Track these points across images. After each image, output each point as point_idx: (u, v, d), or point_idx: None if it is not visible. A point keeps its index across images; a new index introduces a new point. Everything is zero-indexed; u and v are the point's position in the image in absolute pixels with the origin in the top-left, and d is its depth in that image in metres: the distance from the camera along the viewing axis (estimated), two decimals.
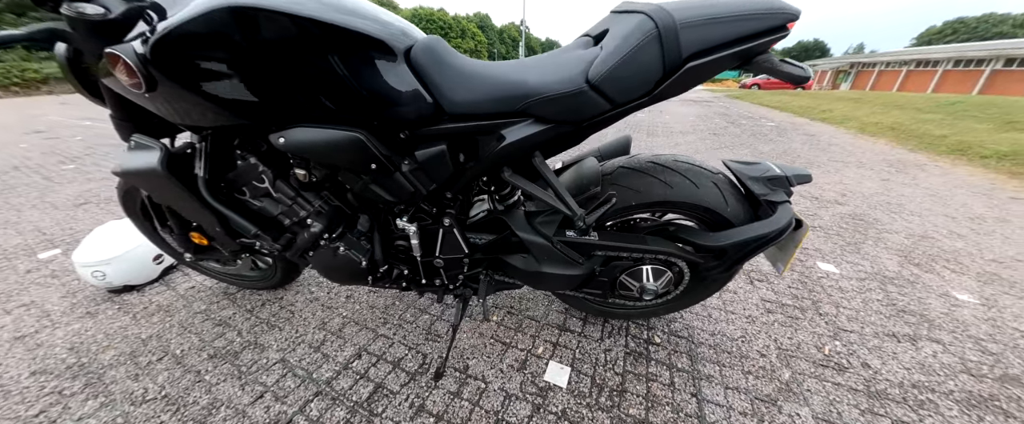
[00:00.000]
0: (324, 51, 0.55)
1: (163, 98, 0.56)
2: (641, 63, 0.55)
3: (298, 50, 0.54)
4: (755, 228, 0.76)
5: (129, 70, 0.51)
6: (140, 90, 0.53)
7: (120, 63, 0.51)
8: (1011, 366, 1.03)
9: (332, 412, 0.85)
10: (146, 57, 0.51)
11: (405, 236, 0.82)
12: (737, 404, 0.90)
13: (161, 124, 0.76)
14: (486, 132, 0.64)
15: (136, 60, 0.50)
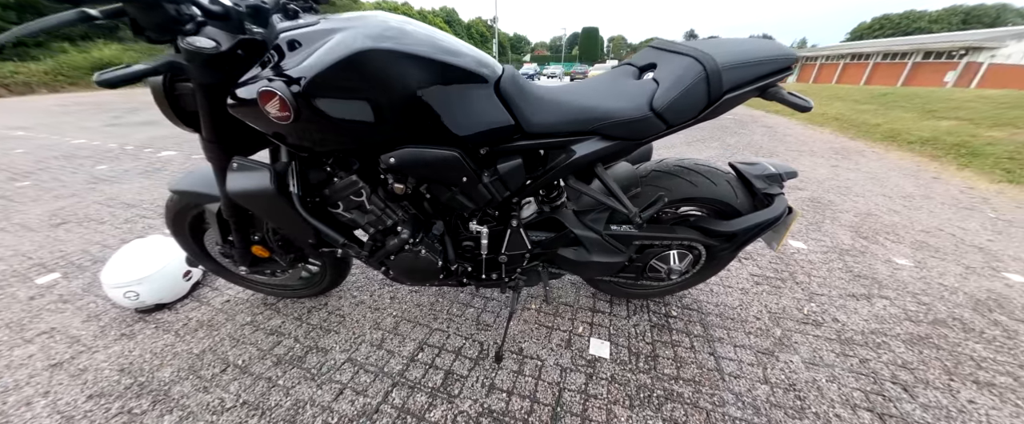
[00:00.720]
0: (437, 84, 0.65)
1: (299, 128, 0.63)
2: (693, 96, 0.70)
3: (418, 84, 0.63)
4: (759, 216, 0.95)
5: (282, 104, 0.58)
6: (286, 122, 0.60)
7: (275, 98, 0.57)
8: (939, 312, 1.33)
9: (413, 398, 0.94)
10: (299, 92, 0.58)
11: (473, 237, 0.93)
12: (745, 358, 1.11)
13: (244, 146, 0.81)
14: (558, 147, 0.77)
15: (289, 95, 0.57)
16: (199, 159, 3.39)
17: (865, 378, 1.05)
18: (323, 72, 0.58)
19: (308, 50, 0.61)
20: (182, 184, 0.97)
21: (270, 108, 0.58)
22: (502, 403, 0.94)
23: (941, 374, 1.07)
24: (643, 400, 0.96)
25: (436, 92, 0.65)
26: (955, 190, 2.59)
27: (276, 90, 0.56)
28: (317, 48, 0.60)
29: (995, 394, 1.00)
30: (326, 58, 0.58)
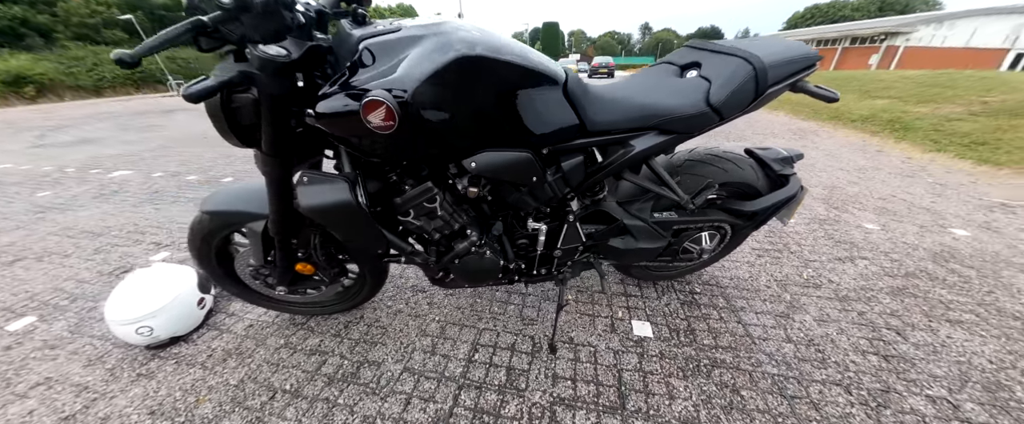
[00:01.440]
0: (522, 88, 0.66)
1: (396, 137, 0.62)
2: (744, 92, 0.77)
3: (506, 88, 0.65)
4: (778, 195, 1.06)
5: (388, 113, 0.56)
6: (388, 131, 0.58)
7: (381, 107, 0.56)
8: (908, 266, 1.55)
9: (484, 398, 0.96)
10: (404, 101, 0.58)
11: (528, 235, 0.95)
12: (766, 322, 1.23)
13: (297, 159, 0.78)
14: (618, 143, 0.81)
15: (395, 104, 0.56)
16: (162, 177, 3.08)
17: (865, 327, 1.21)
18: (428, 80, 0.58)
19: (397, 58, 0.60)
20: (216, 205, 0.91)
21: (373, 118, 0.57)
22: (569, 390, 0.98)
23: (921, 317, 1.26)
24: (693, 369, 1.04)
25: (519, 95, 0.67)
26: (897, 161, 2.98)
27: (383, 99, 0.55)
28: (407, 56, 0.60)
29: (965, 329, 1.20)
30: (428, 66, 0.58)
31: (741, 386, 1.00)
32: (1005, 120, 3.29)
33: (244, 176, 3.06)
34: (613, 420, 0.90)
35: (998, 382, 1.01)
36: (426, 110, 0.61)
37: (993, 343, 1.14)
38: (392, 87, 0.58)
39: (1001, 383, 1.00)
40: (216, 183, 2.90)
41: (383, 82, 0.58)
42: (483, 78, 0.63)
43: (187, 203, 2.47)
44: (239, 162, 3.53)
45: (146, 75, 17.45)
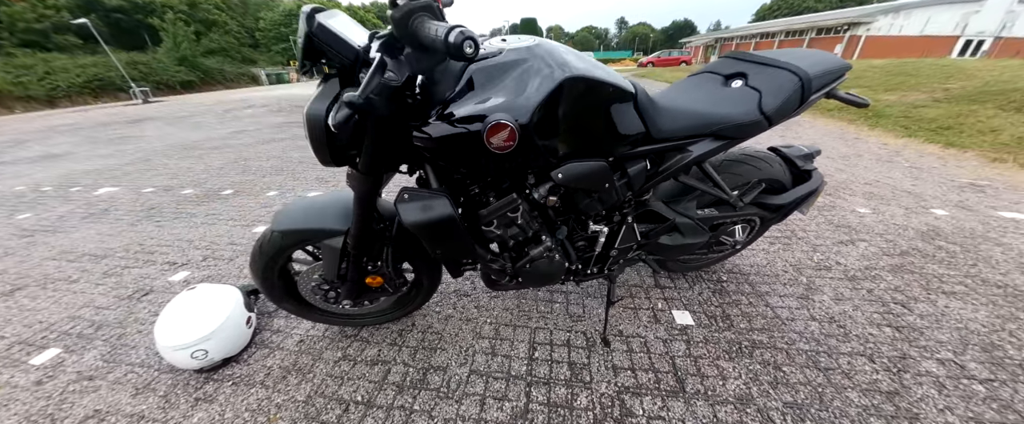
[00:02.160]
0: (611, 103, 0.71)
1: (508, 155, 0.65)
2: (792, 101, 0.85)
3: (597, 104, 0.70)
4: (804, 188, 1.16)
5: (511, 134, 0.60)
6: (507, 150, 0.62)
7: (506, 130, 0.60)
8: (901, 245, 1.71)
9: (554, 391, 1.01)
10: (524, 123, 0.62)
11: (588, 237, 1.01)
12: (791, 304, 1.35)
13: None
14: (678, 149, 0.88)
15: (518, 126, 0.60)
16: (154, 192, 2.93)
17: (876, 303, 1.35)
18: (542, 102, 0.62)
19: (502, 80, 0.64)
20: (290, 224, 0.91)
21: (496, 139, 0.61)
22: (631, 379, 1.05)
23: (921, 291, 1.41)
24: (737, 351, 1.14)
25: (605, 109, 0.72)
26: (875, 147, 3.23)
27: (508, 122, 0.59)
28: (513, 78, 0.64)
29: (958, 299, 1.35)
30: (542, 89, 0.62)
31: (781, 363, 1.10)
32: (965, 106, 3.62)
33: (244, 187, 2.96)
34: (677, 403, 0.98)
35: (993, 343, 1.16)
36: (537, 129, 0.65)
37: (983, 310, 1.29)
38: (513, 110, 0.62)
39: (995, 343, 1.15)
40: (217, 197, 2.79)
41: (502, 105, 0.62)
42: (583, 96, 0.67)
43: (191, 218, 2.38)
44: (234, 173, 3.40)
45: (105, 83, 16.23)
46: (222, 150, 4.53)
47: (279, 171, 3.42)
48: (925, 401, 0.97)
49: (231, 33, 31.23)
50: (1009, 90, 3.73)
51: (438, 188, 0.78)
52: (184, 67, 21.95)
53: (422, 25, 0.48)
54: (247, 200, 2.69)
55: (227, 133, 5.84)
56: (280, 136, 5.26)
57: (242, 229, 2.20)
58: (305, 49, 0.60)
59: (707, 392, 1.00)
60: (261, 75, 28.88)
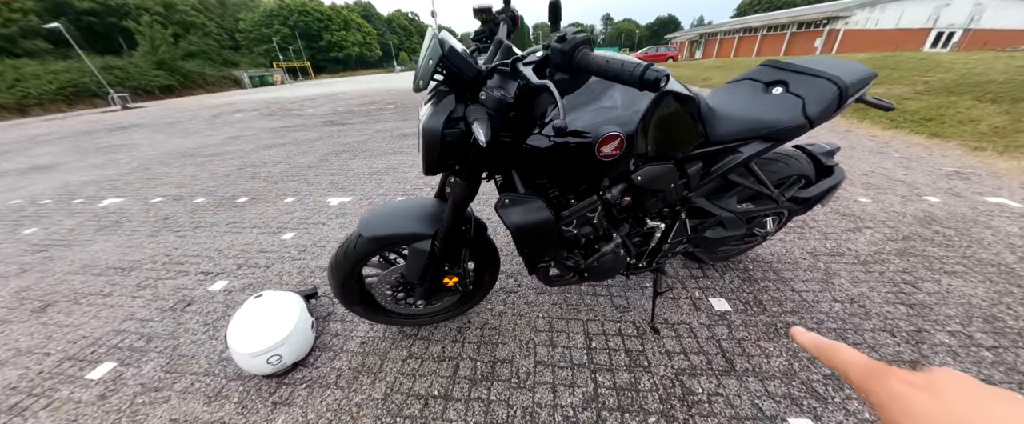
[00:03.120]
0: (684, 113, 0.80)
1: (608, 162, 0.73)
2: (832, 107, 0.95)
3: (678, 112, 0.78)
4: (828, 182, 1.28)
5: (620, 143, 0.68)
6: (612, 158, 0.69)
7: (617, 139, 0.67)
8: (903, 231, 1.86)
9: (618, 376, 1.09)
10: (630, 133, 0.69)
11: (644, 233, 1.09)
12: (813, 287, 1.47)
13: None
14: (730, 150, 0.97)
15: (625, 136, 0.67)
16: (164, 202, 2.88)
17: (888, 284, 1.48)
18: (644, 114, 0.70)
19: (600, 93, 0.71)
20: (378, 229, 0.95)
21: (606, 148, 0.68)
22: (685, 362, 1.14)
23: (925, 271, 1.55)
24: (774, 332, 1.25)
25: (682, 119, 0.80)
26: (865, 139, 3.43)
27: (618, 133, 0.66)
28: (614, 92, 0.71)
29: (959, 277, 1.50)
30: (645, 101, 0.70)
31: None
32: (945, 97, 3.87)
33: (259, 195, 2.94)
34: (731, 380, 1.08)
35: (993, 315, 1.30)
36: (637, 138, 0.73)
37: (982, 286, 1.44)
38: (622, 123, 0.69)
39: (995, 315, 1.29)
40: (232, 205, 2.77)
41: (612, 118, 0.70)
42: (671, 108, 0.75)
43: (212, 228, 2.37)
44: (243, 180, 3.36)
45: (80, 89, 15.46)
46: (222, 157, 4.45)
47: (290, 177, 3.41)
48: None
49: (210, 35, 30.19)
50: (983, 82, 4.01)
51: (529, 193, 0.84)
52: (163, 71, 21.18)
53: (586, 56, 0.55)
54: (265, 207, 2.68)
55: (222, 139, 5.72)
56: (280, 141, 5.19)
57: (270, 236, 2.21)
58: (434, 69, 0.66)
59: (755, 370, 1.11)
60: (243, 78, 28.06)
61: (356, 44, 51.73)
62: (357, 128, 5.79)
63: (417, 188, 2.86)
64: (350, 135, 5.24)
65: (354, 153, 4.17)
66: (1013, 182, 2.35)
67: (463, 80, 0.68)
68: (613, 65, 0.51)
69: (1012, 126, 3.09)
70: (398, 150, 4.14)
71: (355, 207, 2.55)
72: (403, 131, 5.29)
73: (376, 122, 6.25)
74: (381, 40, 63.01)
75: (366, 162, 3.73)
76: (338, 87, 18.59)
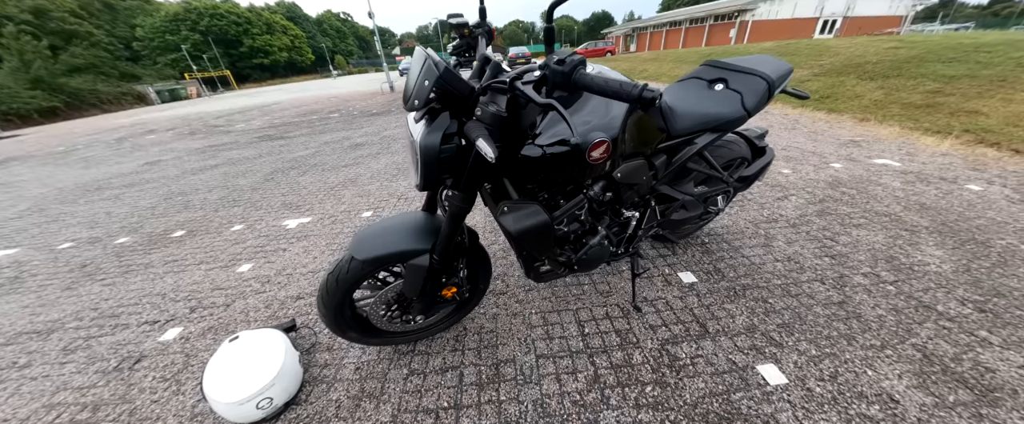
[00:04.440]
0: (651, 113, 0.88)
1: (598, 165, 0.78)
2: (764, 99, 1.11)
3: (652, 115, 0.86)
4: (763, 161, 1.49)
5: (607, 148, 0.74)
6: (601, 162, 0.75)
7: (604, 145, 0.72)
8: (819, 195, 2.21)
9: (612, 355, 1.19)
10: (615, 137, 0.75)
11: (622, 222, 1.19)
12: (759, 252, 1.70)
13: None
14: (687, 142, 1.09)
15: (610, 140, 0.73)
16: (75, 246, 2.45)
17: (814, 241, 1.76)
18: (624, 117, 0.76)
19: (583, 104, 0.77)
20: (371, 251, 0.92)
21: (595, 153, 0.73)
22: (667, 332, 1.27)
23: (841, 227, 1.87)
24: (735, 294, 1.43)
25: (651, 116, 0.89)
26: (779, 118, 3.98)
27: (605, 138, 0.72)
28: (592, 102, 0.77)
29: (864, 229, 1.84)
30: (618, 107, 0.76)
31: (766, 297, 1.42)
32: (836, 78, 4.61)
33: (198, 226, 2.63)
34: (706, 342, 1.22)
35: (892, 255, 1.61)
36: (619, 142, 0.80)
37: (881, 234, 1.78)
38: (607, 129, 0.75)
39: (894, 256, 1.61)
40: (167, 241, 2.45)
41: (597, 126, 0.75)
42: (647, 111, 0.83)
43: (147, 270, 2.08)
44: (173, 212, 2.97)
45: None
46: (141, 187, 3.88)
47: (232, 202, 3.08)
48: (862, 303, 1.35)
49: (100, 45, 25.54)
50: (863, 63, 4.84)
51: (524, 199, 0.88)
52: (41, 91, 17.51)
53: (584, 76, 0.60)
54: (209, 239, 2.41)
55: (136, 166, 4.96)
56: (211, 162, 4.64)
57: (222, 271, 2.00)
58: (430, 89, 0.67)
59: (726, 329, 1.27)
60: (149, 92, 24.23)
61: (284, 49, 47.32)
62: (300, 141, 5.37)
63: (382, 201, 2.76)
64: (294, 150, 4.85)
65: (303, 169, 3.88)
66: (892, 145, 2.90)
67: (457, 97, 0.70)
68: (611, 84, 0.57)
69: (887, 99, 3.78)
70: (353, 162, 3.92)
71: (317, 228, 2.39)
72: (354, 141, 5.01)
73: (321, 133, 5.84)
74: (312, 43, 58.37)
75: (319, 178, 3.50)
76: (269, 97, 16.93)
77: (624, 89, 0.56)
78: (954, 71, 3.85)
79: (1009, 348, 1.12)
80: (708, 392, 1.05)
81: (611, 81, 0.58)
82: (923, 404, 0.98)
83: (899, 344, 1.17)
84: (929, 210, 1.94)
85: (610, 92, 0.57)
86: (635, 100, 0.56)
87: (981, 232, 1.72)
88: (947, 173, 2.35)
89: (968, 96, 3.37)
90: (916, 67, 4.23)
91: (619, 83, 0.57)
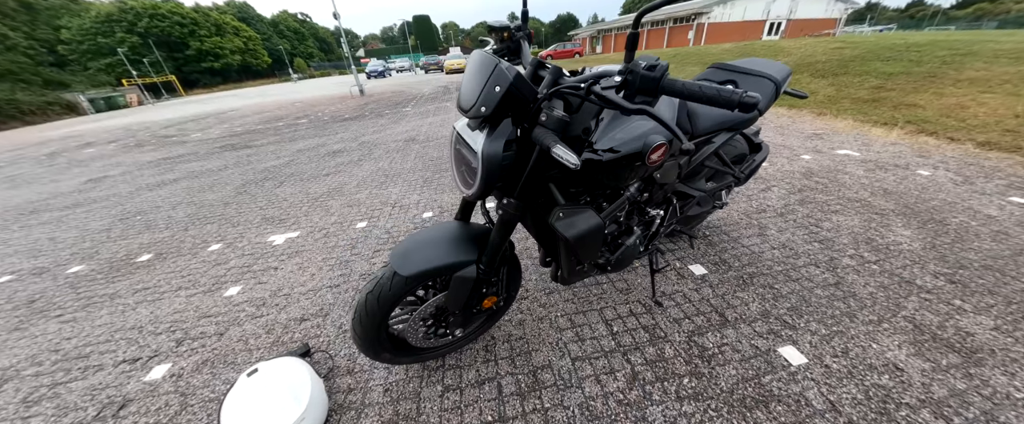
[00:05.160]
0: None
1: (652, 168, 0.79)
2: (772, 99, 1.18)
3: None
4: (761, 155, 1.59)
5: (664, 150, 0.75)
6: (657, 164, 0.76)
7: (663, 147, 0.73)
8: (797, 185, 2.40)
9: (645, 351, 1.21)
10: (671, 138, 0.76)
11: (647, 220, 1.22)
12: (756, 241, 1.81)
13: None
14: (707, 141, 1.14)
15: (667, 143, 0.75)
16: (18, 280, 2.14)
17: (802, 228, 1.91)
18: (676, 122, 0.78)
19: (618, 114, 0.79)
20: (419, 266, 0.87)
21: (655, 155, 0.74)
22: (691, 325, 1.32)
23: (822, 214, 2.04)
24: (744, 283, 1.52)
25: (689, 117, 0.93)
26: None
27: (664, 141, 0.73)
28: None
29: (844, 215, 2.01)
30: (670, 109, 0.78)
31: (772, 283, 1.51)
32: (792, 76, 5.03)
33: (167, 248, 2.38)
34: (729, 330, 1.28)
35: (870, 237, 1.79)
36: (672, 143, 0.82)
37: (856, 218, 1.96)
38: (663, 131, 0.77)
39: (871, 238, 1.78)
40: (133, 266, 2.20)
41: (656, 129, 0.77)
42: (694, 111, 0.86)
43: (113, 301, 1.86)
44: (134, 233, 2.67)
45: None
46: (88, 207, 3.45)
47: (203, 219, 2.83)
48: (855, 283, 1.48)
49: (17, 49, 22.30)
50: (814, 62, 5.32)
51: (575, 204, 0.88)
52: None
53: (674, 82, 0.60)
54: (184, 262, 2.19)
55: (78, 184, 4.41)
56: (169, 176, 4.23)
57: (207, 297, 1.83)
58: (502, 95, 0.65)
59: (743, 316, 1.34)
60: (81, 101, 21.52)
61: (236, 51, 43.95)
62: (270, 150, 5.03)
63: (375, 210, 2.64)
64: (264, 159, 4.53)
65: (278, 180, 3.63)
66: (849, 137, 3.21)
67: (522, 103, 0.69)
68: (707, 90, 0.58)
69: (838, 94, 4.18)
70: (333, 170, 3.73)
71: (309, 243, 2.25)
72: (331, 148, 4.77)
73: (292, 141, 5.51)
74: (268, 45, 54.77)
75: (298, 188, 3.29)
76: (224, 102, 15.71)
77: (722, 95, 0.57)
78: (892, 69, 4.33)
79: (980, 313, 1.28)
80: (740, 378, 1.11)
81: (707, 87, 0.59)
82: (923, 370, 1.09)
83: (892, 317, 1.29)
84: (892, 194, 2.17)
85: (706, 98, 0.58)
86: (735, 106, 0.57)
87: (937, 212, 1.94)
88: (900, 160, 2.64)
89: (906, 91, 3.81)
90: (860, 65, 4.71)
91: (716, 89, 0.58)
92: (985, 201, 2.00)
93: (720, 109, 1.12)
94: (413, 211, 2.56)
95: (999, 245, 1.63)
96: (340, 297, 1.69)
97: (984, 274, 1.46)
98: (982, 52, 4.20)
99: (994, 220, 1.82)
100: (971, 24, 55.33)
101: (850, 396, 1.03)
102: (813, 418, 0.98)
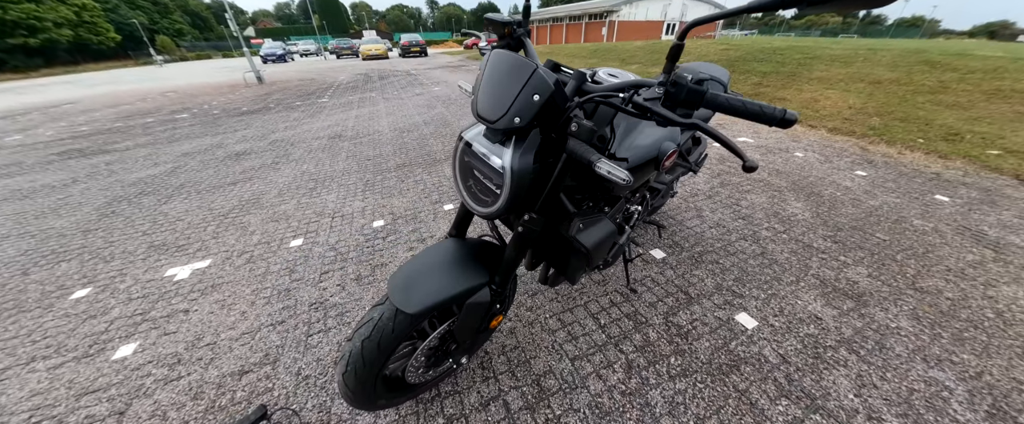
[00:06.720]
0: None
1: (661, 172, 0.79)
2: None
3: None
4: (702, 148, 1.80)
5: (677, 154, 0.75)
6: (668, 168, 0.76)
7: (676, 153, 0.73)
8: (715, 169, 2.81)
9: (632, 338, 1.29)
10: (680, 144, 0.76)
11: (627, 214, 1.28)
12: (696, 223, 2.08)
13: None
14: None
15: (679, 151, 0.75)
16: None
17: (727, 207, 2.25)
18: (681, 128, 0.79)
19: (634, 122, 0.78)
20: (426, 298, 0.75)
21: (669, 162, 0.74)
22: (664, 305, 1.45)
23: (739, 194, 2.42)
24: (696, 261, 1.73)
25: None
26: None
27: (676, 147, 0.74)
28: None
29: (755, 194, 2.42)
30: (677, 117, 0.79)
31: (717, 258, 1.75)
32: None
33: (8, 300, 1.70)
34: (695, 305, 1.45)
35: (776, 211, 2.19)
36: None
37: (763, 195, 2.38)
38: (674, 137, 0.77)
39: (777, 211, 2.19)
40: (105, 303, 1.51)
41: (668, 135, 0.77)
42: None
43: None
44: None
45: None
46: None
47: (54, 256, 2.09)
48: (774, 251, 1.80)
49: None
50: (710, 62, 6.25)
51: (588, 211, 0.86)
52: None
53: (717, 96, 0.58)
54: (33, 321, 1.60)
55: None
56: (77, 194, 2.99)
57: (83, 365, 1.37)
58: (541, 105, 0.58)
59: (702, 292, 1.53)
60: None
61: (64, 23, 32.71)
62: (140, 155, 3.95)
63: (311, 223, 2.28)
64: (135, 168, 3.54)
65: (163, 194, 2.87)
66: (744, 126, 3.86)
67: (554, 112, 0.63)
68: (751, 106, 0.58)
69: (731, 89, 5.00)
70: (241, 177, 3.10)
71: (228, 273, 1.83)
72: (231, 149, 3.95)
73: (172, 142, 4.40)
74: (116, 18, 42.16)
75: (196, 203, 2.65)
76: (53, 93, 11.66)
77: (765, 111, 0.59)
78: (766, 68, 5.34)
79: (858, 265, 1.68)
80: (714, 348, 1.26)
81: (750, 103, 0.60)
82: (833, 316, 1.39)
83: (805, 276, 1.61)
84: (782, 174, 2.69)
85: (748, 113, 0.60)
86: (778, 122, 0.59)
87: (814, 187, 2.48)
88: (780, 145, 3.29)
89: (777, 87, 4.75)
90: (743, 64, 5.70)
91: (759, 105, 0.60)
92: (841, 175, 2.63)
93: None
94: (360, 220, 2.28)
95: (857, 209, 2.16)
96: (288, 336, 1.42)
97: (853, 233, 1.92)
98: (822, 56, 5.46)
99: (849, 190, 2.40)
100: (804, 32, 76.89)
101: (793, 347, 1.26)
102: (773, 371, 1.17)
